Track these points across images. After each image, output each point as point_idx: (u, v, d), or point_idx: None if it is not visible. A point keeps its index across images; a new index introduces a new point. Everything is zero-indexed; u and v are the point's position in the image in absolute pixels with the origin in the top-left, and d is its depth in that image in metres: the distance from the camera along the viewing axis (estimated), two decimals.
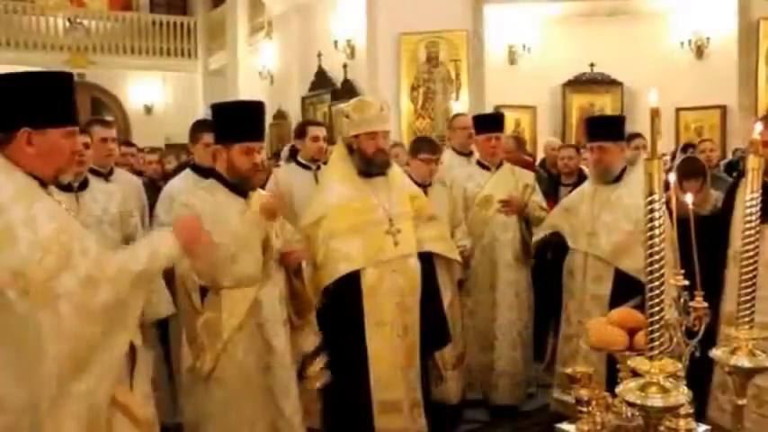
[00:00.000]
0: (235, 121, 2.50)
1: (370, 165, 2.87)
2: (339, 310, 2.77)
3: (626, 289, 2.93)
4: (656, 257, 1.24)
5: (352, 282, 2.77)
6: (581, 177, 4.70)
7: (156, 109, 13.63)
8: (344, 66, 8.43)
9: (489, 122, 4.09)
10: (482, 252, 3.81)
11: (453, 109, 7.24)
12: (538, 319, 4.19)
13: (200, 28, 13.77)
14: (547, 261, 3.60)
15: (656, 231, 1.23)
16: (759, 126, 1.60)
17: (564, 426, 1.69)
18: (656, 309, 1.25)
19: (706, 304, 1.47)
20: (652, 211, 1.23)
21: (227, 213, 2.47)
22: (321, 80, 9.03)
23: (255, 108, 2.57)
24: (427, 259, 2.97)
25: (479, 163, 4.04)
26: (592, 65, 8.12)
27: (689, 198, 1.51)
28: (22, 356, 1.60)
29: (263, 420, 2.49)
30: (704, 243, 1.54)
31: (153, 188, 3.98)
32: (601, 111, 8.03)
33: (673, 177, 1.48)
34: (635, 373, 1.34)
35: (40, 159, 1.72)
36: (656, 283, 1.24)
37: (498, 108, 6.95)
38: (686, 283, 1.43)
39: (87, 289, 1.64)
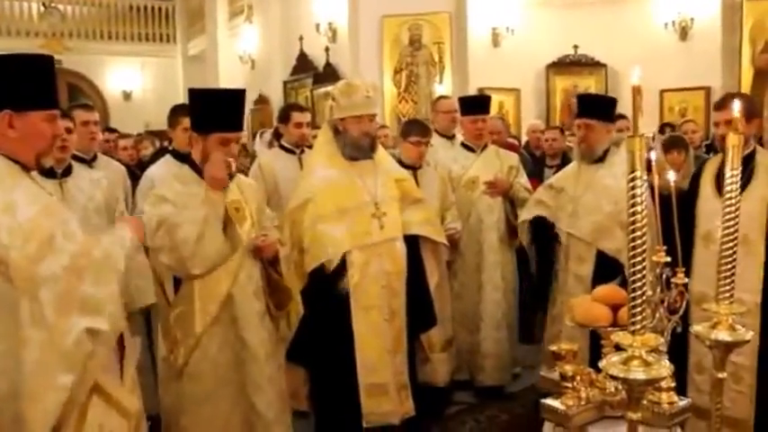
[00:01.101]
0: (212, 109, 2.41)
1: (356, 148, 2.85)
2: (325, 293, 2.76)
3: (608, 269, 2.97)
4: (638, 234, 1.25)
5: (338, 265, 2.76)
6: (565, 159, 4.74)
7: (135, 95, 13.38)
8: (326, 49, 8.35)
9: (475, 104, 4.10)
10: (468, 234, 3.83)
11: (437, 92, 7.22)
12: (526, 300, 4.24)
13: (179, 12, 13.51)
14: (537, 242, 3.57)
15: (638, 208, 1.25)
16: (737, 104, 1.62)
17: (549, 401, 1.72)
18: (638, 284, 1.27)
19: (687, 280, 1.50)
20: (634, 188, 1.24)
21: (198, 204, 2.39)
22: (303, 64, 8.94)
23: (234, 97, 2.48)
24: (413, 242, 2.97)
25: (464, 145, 4.05)
26: (575, 47, 8.12)
27: (672, 176, 1.53)
28: (6, 343, 1.58)
29: (237, 415, 2.46)
30: (684, 219, 1.57)
31: (128, 175, 3.83)
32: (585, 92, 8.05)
33: (654, 155, 1.50)
34: (618, 349, 1.37)
35: (22, 143, 1.69)
36: (638, 259, 1.26)
37: (482, 91, 6.95)
38: (668, 259, 1.46)
39: (71, 276, 1.61)
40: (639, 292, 1.28)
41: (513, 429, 3.60)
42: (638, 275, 1.27)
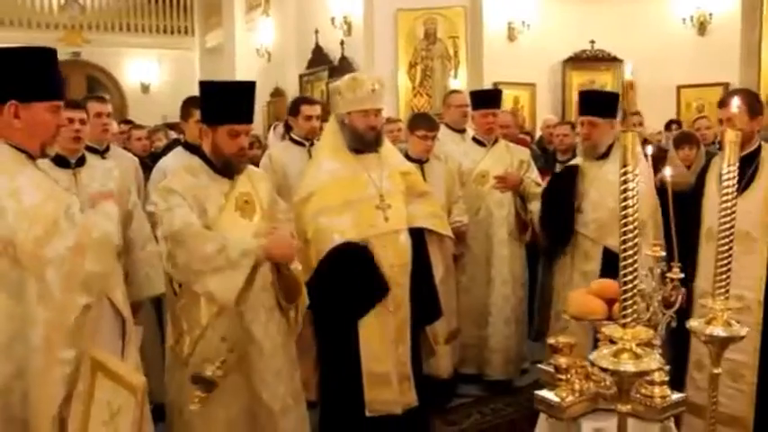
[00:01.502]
0: (222, 101, 2.41)
1: (361, 141, 2.86)
2: (330, 284, 2.78)
3: (615, 266, 2.95)
4: (630, 227, 1.27)
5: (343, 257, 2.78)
6: (576, 154, 4.72)
7: (153, 87, 13.51)
8: (342, 43, 8.38)
9: (487, 98, 4.10)
10: (477, 228, 3.84)
11: (451, 86, 7.19)
12: (534, 295, 4.23)
13: (197, 5, 13.61)
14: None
15: (630, 202, 1.26)
16: (737, 101, 1.61)
17: (543, 393, 1.74)
18: (629, 278, 1.28)
19: (682, 275, 1.50)
20: (626, 182, 1.25)
21: (209, 197, 2.41)
22: (318, 57, 8.98)
23: (244, 89, 2.48)
24: (419, 235, 2.99)
25: (475, 139, 4.06)
26: (592, 42, 8.04)
27: (668, 171, 1.53)
28: (14, 324, 1.64)
29: (242, 407, 2.45)
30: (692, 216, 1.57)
31: (141, 167, 3.86)
32: (601, 88, 7.94)
33: (650, 150, 1.51)
34: (613, 342, 1.38)
35: (27, 133, 1.76)
36: (630, 253, 1.27)
37: (497, 85, 6.89)
38: (663, 254, 1.47)
39: (76, 257, 1.67)
40: (630, 286, 1.29)
41: (517, 422, 3.61)
42: (630, 269, 1.29)
